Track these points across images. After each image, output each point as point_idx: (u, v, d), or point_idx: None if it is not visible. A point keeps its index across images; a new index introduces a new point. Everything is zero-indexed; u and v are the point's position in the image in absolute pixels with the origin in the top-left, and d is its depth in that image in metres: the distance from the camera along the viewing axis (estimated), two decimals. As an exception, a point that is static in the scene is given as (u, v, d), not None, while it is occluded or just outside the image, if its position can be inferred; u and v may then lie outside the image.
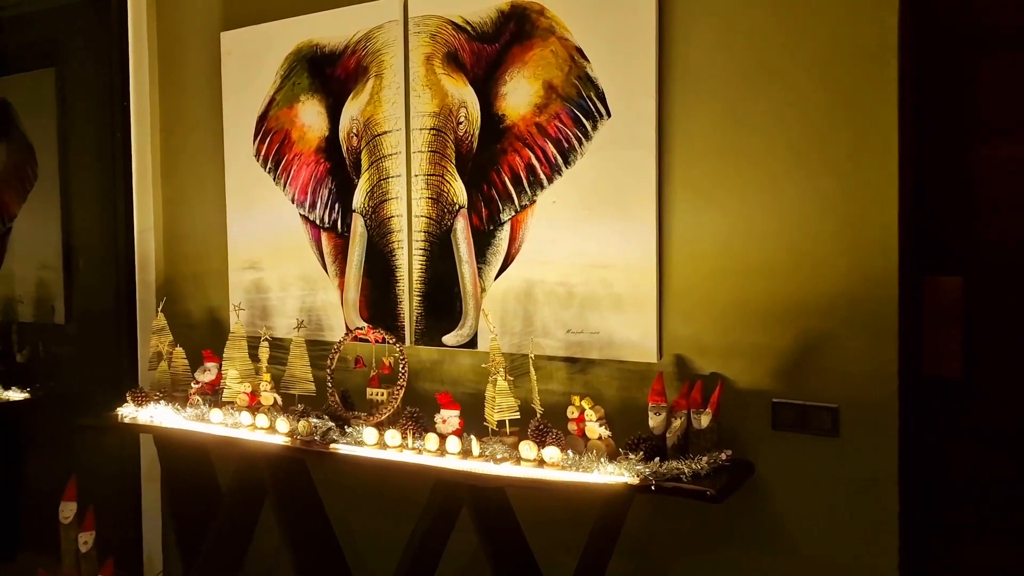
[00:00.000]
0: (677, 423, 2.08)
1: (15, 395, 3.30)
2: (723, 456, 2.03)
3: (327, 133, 2.79)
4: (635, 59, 2.22)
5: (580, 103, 2.30)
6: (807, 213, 2.05)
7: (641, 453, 2.02)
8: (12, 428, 3.50)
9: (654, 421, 2.11)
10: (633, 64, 2.22)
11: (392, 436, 2.31)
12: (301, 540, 2.62)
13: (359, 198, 2.72)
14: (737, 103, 2.13)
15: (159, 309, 3.00)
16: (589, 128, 2.30)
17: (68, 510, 2.87)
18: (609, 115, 2.26)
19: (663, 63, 2.21)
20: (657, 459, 2.00)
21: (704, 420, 2.06)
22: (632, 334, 2.25)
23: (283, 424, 2.49)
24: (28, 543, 3.55)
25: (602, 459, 2.03)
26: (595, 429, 2.12)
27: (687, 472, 1.96)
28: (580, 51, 2.30)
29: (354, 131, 2.72)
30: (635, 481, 1.96)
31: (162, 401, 2.79)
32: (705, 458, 2.00)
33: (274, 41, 2.89)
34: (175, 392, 2.87)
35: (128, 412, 2.80)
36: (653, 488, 1.94)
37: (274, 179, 2.93)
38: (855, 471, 2.01)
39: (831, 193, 2.02)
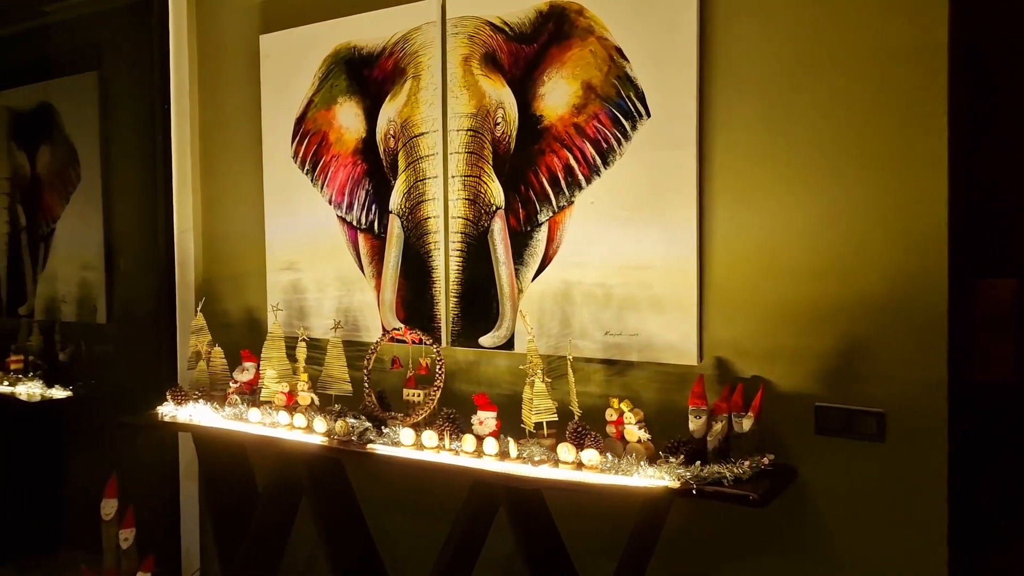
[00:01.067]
0: (718, 427, 2.05)
1: (58, 393, 3.35)
2: (765, 460, 1.99)
3: (364, 135, 2.80)
4: (676, 58, 2.19)
5: (619, 103, 2.28)
6: (853, 213, 2.01)
7: (682, 456, 2.00)
8: (55, 426, 3.57)
9: (694, 424, 2.08)
10: (674, 64, 2.20)
11: (429, 437, 2.31)
12: (338, 540, 2.63)
13: (396, 199, 2.73)
14: (780, 102, 2.09)
15: (198, 309, 3.03)
16: (628, 128, 2.28)
17: (109, 507, 2.91)
18: (649, 115, 2.24)
19: (704, 62, 2.18)
20: (698, 463, 1.97)
21: (746, 424, 2.02)
22: (672, 336, 2.23)
23: (320, 424, 2.50)
24: (70, 539, 3.61)
25: (642, 462, 2.01)
26: (634, 432, 2.10)
27: (729, 476, 1.93)
28: (619, 51, 2.28)
29: (391, 132, 2.73)
30: (676, 485, 1.93)
31: (201, 400, 2.82)
32: (747, 462, 1.96)
33: (312, 44, 2.91)
34: (213, 391, 2.90)
35: (168, 411, 2.83)
36: (694, 492, 1.91)
37: (311, 180, 2.95)
38: (902, 477, 1.97)
39: (878, 193, 1.98)
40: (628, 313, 2.29)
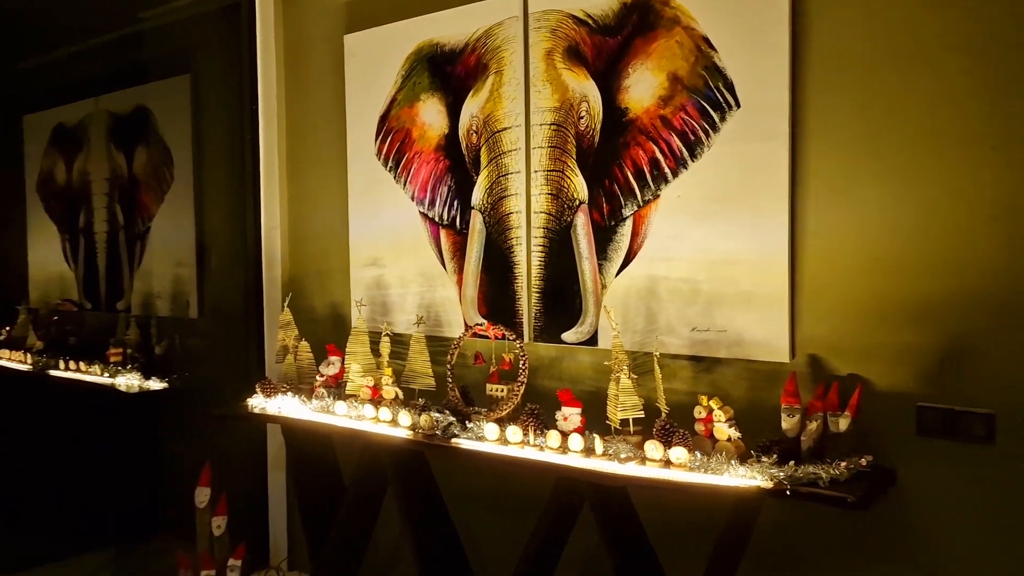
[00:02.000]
0: (812, 426, 1.99)
1: (155, 385, 3.49)
2: (863, 462, 1.92)
3: (447, 131, 2.82)
4: (767, 46, 2.13)
5: (707, 94, 2.23)
6: (957, 205, 1.91)
7: (774, 456, 1.94)
8: (152, 416, 3.71)
9: (787, 423, 2.02)
10: (764, 52, 2.14)
11: (513, 432, 2.31)
12: (422, 532, 2.65)
13: (478, 195, 2.73)
14: (879, 90, 2.01)
15: (285, 304, 3.10)
16: (717, 120, 2.22)
17: (203, 495, 3.01)
18: (738, 106, 2.19)
19: (797, 50, 2.11)
20: (792, 463, 1.91)
21: (842, 423, 1.95)
22: (762, 333, 2.17)
23: (405, 418, 2.53)
24: (166, 526, 3.75)
25: (732, 461, 1.96)
26: (724, 430, 2.05)
27: (824, 477, 1.86)
28: (707, 40, 2.23)
29: (474, 128, 2.73)
30: (768, 485, 1.88)
31: (289, 393, 2.88)
32: (844, 463, 1.89)
33: (396, 42, 2.94)
34: (301, 384, 2.96)
35: (257, 403, 2.91)
36: (788, 493, 1.86)
37: (394, 177, 2.98)
38: (1013, 483, 1.87)
39: (984, 184, 1.88)
40: (716, 309, 2.24)
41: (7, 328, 4.31)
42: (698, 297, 2.27)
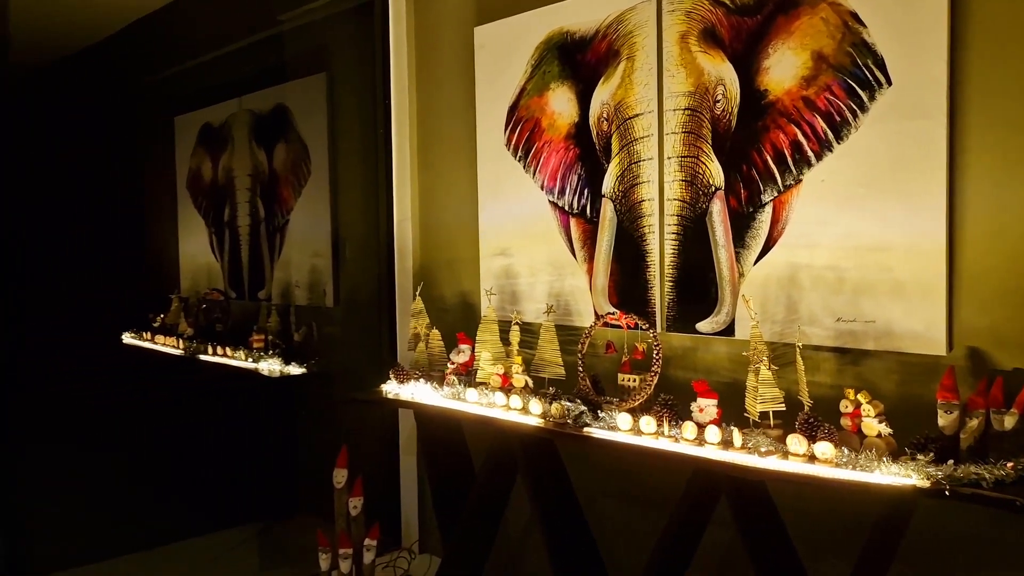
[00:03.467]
0: (973, 423, 1.86)
1: (294, 370, 3.66)
2: (1033, 463, 1.78)
3: (577, 119, 2.80)
4: (921, 18, 2.00)
5: (854, 72, 2.12)
6: None
7: (930, 454, 1.83)
8: (292, 399, 3.90)
9: (944, 420, 1.90)
10: (919, 24, 2.01)
11: (647, 423, 2.28)
12: (552, 520, 2.66)
13: (609, 183, 2.71)
14: (1053, 60, 1.85)
15: (416, 294, 3.18)
16: (865, 99, 2.11)
17: (340, 476, 3.12)
18: (889, 83, 2.07)
19: (956, 20, 1.97)
20: (951, 462, 1.79)
21: (1008, 422, 1.82)
22: (915, 323, 2.05)
23: (536, 406, 2.54)
24: (305, 505, 3.93)
25: (884, 458, 1.86)
26: (873, 425, 1.95)
27: (988, 478, 1.74)
28: (855, 16, 2.12)
29: (604, 116, 2.71)
30: (925, 484, 1.77)
31: (421, 379, 2.95)
32: (1010, 464, 1.76)
33: (525, 32, 2.95)
34: (432, 371, 3.03)
35: (391, 389, 3.00)
36: (947, 494, 1.74)
37: (524, 167, 3.00)
38: None
39: None
40: (863, 298, 2.13)
41: (161, 316, 4.62)
42: (844, 286, 2.17)
